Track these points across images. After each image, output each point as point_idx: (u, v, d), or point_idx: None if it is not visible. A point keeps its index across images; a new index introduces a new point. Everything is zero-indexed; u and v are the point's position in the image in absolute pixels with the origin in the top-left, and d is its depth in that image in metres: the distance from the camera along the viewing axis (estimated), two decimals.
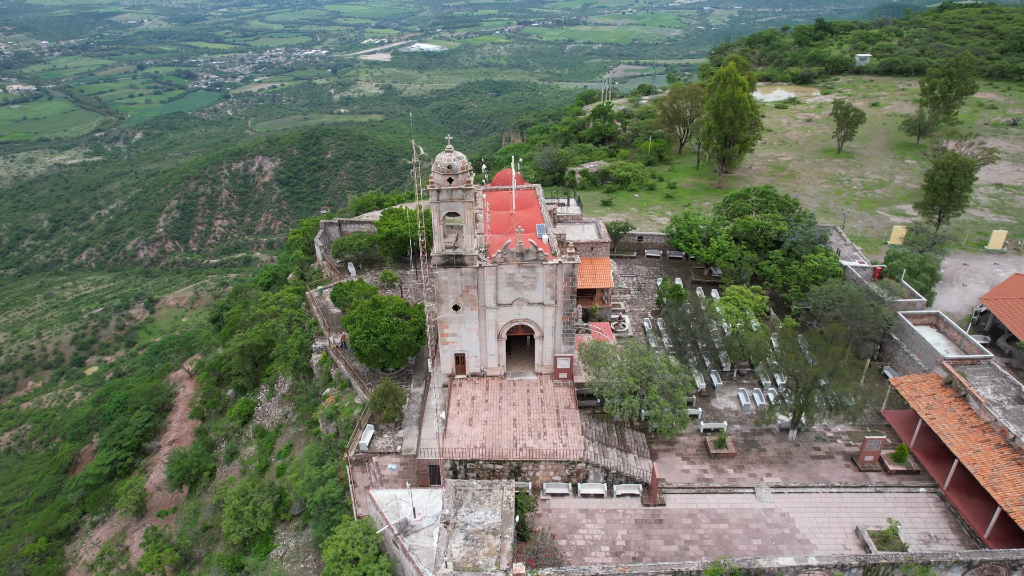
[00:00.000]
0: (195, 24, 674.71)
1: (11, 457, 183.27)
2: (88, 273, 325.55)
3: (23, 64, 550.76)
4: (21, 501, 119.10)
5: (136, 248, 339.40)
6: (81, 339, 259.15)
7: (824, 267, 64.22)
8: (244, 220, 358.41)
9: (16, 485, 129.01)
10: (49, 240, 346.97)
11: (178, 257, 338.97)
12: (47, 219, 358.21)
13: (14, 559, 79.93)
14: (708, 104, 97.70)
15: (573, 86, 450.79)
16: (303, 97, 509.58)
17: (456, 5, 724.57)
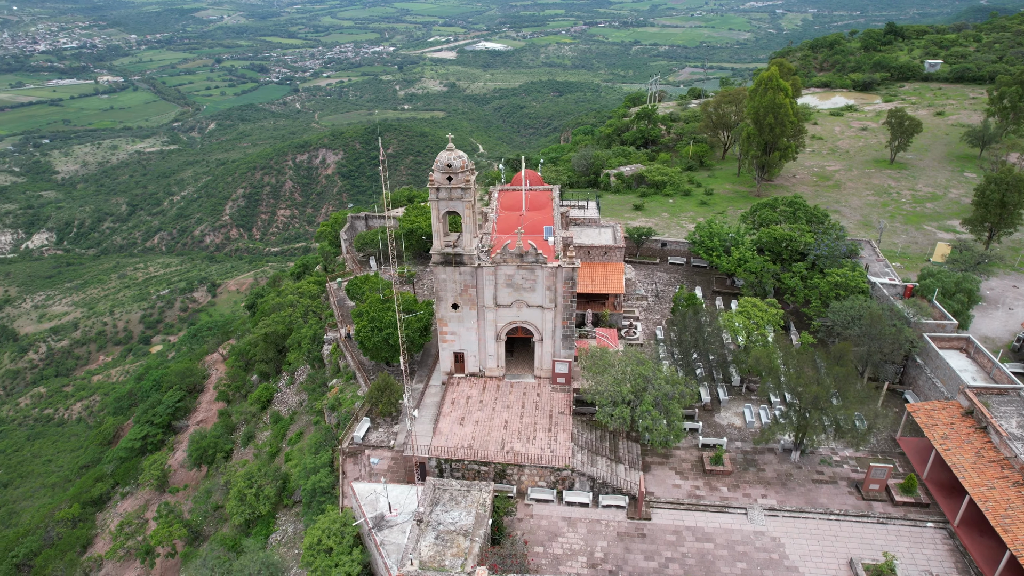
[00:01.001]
0: (270, 20, 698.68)
1: (81, 426, 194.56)
2: (159, 256, 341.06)
3: (114, 57, 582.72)
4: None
5: (203, 234, 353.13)
6: (148, 318, 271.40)
7: (847, 282, 61.24)
8: (306, 211, 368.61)
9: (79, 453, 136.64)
10: (126, 223, 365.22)
11: (241, 244, 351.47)
12: (125, 203, 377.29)
13: (50, 522, 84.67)
14: (748, 109, 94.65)
15: (637, 88, 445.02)
16: (369, 92, 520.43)
17: (523, 4, 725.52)
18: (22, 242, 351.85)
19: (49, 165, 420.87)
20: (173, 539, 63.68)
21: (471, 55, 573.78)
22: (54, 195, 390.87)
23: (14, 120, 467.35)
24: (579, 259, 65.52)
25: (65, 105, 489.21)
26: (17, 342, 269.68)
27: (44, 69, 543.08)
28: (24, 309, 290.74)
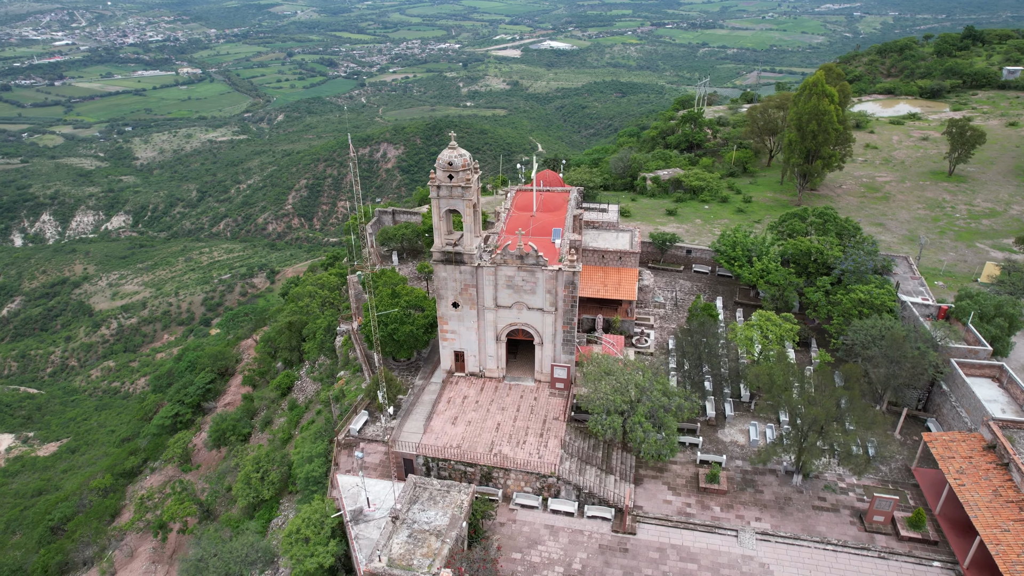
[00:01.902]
0: (341, 16, 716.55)
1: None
2: (223, 241, 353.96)
3: (194, 50, 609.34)
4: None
5: (266, 222, 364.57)
6: (210, 301, 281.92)
7: (872, 300, 58.00)
8: (364, 203, 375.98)
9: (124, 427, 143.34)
10: (195, 209, 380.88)
11: (301, 233, 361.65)
12: (196, 189, 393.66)
13: (85, 489, 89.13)
14: (791, 115, 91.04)
15: (702, 91, 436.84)
16: (433, 89, 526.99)
17: (590, 4, 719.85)
18: (102, 223, 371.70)
19: (130, 151, 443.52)
20: (184, 516, 65.88)
21: (535, 54, 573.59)
22: (132, 180, 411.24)
23: (102, 108, 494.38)
24: (590, 263, 64.54)
25: (148, 95, 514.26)
26: (92, 317, 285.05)
27: (131, 61, 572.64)
28: (100, 287, 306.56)
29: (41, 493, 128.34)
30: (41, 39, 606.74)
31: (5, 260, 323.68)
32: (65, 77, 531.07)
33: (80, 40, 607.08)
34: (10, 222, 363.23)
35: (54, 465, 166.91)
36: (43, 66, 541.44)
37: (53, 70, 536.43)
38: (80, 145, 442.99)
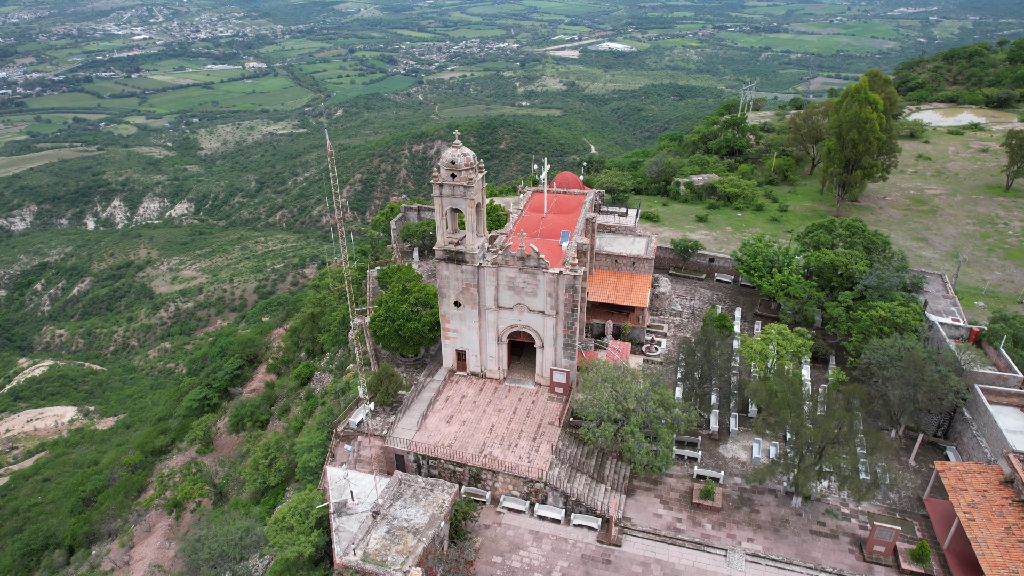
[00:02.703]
0: (403, 13, 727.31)
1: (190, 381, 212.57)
2: (278, 232, 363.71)
3: (261, 45, 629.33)
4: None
5: (320, 214, 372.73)
6: (262, 289, 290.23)
7: (894, 318, 55.19)
8: (416, 199, 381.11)
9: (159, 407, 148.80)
10: (253, 199, 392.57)
11: (354, 227, 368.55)
12: (255, 180, 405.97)
13: (117, 465, 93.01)
14: (831, 123, 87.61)
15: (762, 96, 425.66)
16: (489, 88, 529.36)
17: (652, 6, 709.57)
18: (166, 210, 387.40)
19: (196, 142, 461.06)
20: (196, 497, 67.92)
21: (593, 55, 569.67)
22: (196, 169, 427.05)
23: (173, 100, 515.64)
24: (603, 267, 63.57)
25: (215, 88, 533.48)
26: (152, 300, 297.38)
27: (202, 55, 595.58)
28: (161, 271, 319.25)
29: (95, 465, 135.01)
30: (122, 34, 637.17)
31: (78, 242, 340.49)
32: (141, 70, 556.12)
33: (157, 35, 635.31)
34: (84, 206, 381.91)
35: (110, 439, 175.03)
36: (122, 59, 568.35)
37: (131, 63, 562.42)
38: (151, 135, 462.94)
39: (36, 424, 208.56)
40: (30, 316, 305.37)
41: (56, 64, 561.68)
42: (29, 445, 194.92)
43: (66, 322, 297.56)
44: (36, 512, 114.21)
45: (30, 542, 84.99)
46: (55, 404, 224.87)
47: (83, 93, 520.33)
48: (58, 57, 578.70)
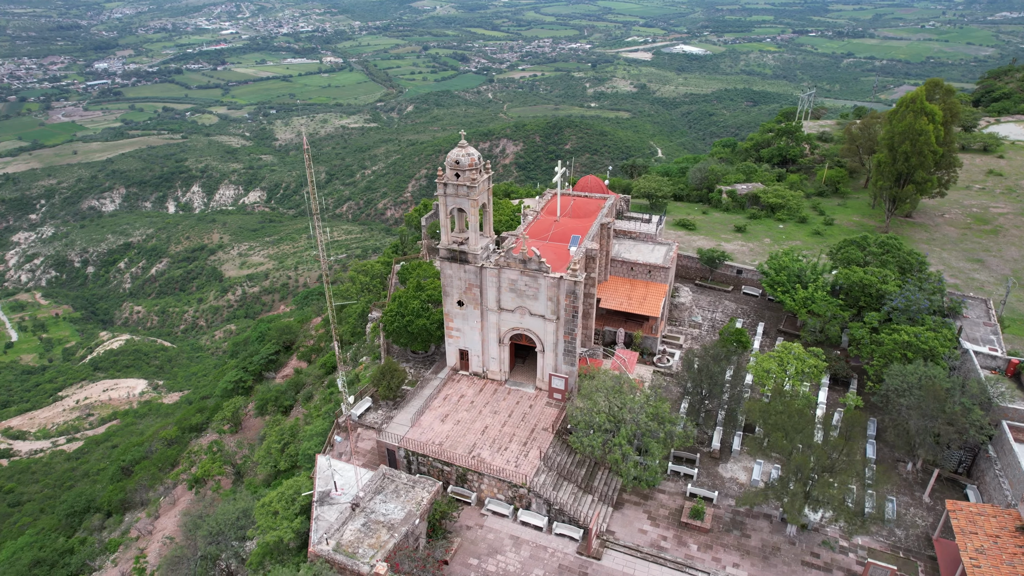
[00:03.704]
0: (477, 12, 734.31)
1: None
2: (344, 223, 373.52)
3: (338, 40, 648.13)
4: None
5: (385, 207, 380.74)
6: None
7: (919, 343, 51.86)
8: None
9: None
10: (323, 190, 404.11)
11: None
12: (325, 172, 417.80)
13: (155, 439, 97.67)
14: (883, 134, 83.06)
15: (840, 104, 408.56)
16: (559, 88, 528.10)
17: (729, 9, 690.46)
18: (240, 197, 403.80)
19: (271, 133, 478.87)
20: (215, 475, 70.53)
21: (667, 57, 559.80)
22: (270, 159, 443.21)
23: (253, 92, 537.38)
24: (619, 274, 62.42)
25: (293, 81, 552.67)
26: (221, 283, 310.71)
27: (283, 49, 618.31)
28: (231, 255, 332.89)
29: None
30: (211, 28, 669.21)
31: (159, 225, 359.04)
32: (226, 63, 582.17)
33: (242, 30, 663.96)
34: (167, 191, 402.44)
35: (173, 413, 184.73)
36: (209, 52, 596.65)
37: (217, 56, 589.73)
38: (231, 125, 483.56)
39: (111, 394, 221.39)
40: (113, 292, 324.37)
41: (151, 56, 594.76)
42: (103, 413, 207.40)
43: (144, 300, 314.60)
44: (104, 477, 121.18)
45: (74, 504, 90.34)
46: (128, 376, 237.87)
47: (173, 84, 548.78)
48: (153, 50, 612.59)
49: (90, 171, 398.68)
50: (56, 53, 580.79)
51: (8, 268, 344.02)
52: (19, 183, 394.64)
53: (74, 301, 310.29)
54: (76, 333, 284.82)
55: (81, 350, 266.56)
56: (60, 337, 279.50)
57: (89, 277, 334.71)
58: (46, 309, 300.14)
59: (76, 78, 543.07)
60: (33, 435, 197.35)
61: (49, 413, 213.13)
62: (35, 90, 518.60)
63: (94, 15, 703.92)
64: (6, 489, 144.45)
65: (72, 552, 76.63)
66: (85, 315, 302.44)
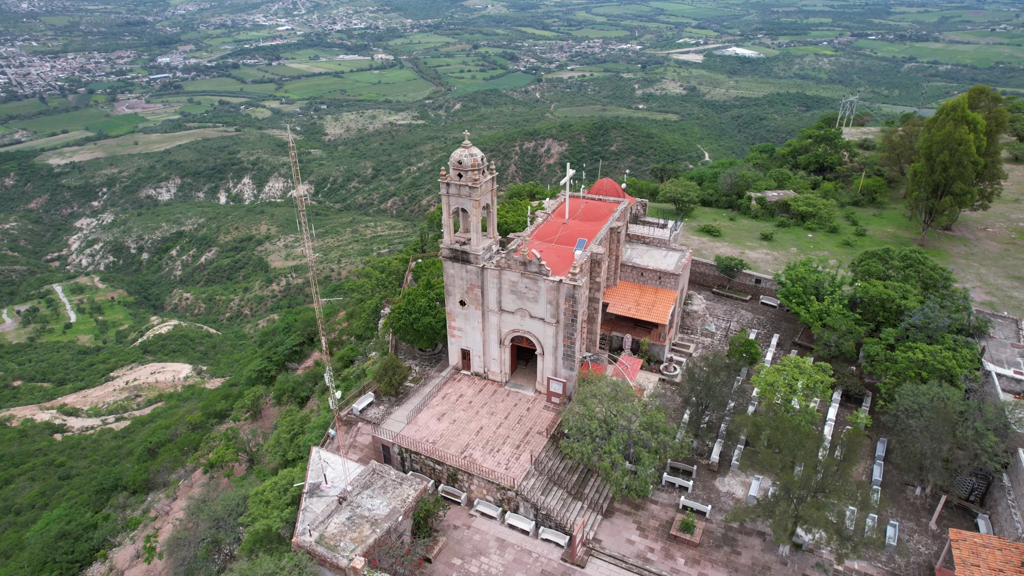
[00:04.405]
0: (528, 12, 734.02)
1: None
2: (388, 218, 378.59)
3: (390, 38, 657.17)
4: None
5: (429, 204, 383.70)
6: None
7: (934, 363, 49.64)
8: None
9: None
10: (368, 185, 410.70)
11: None
12: (371, 167, 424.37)
13: (181, 422, 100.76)
14: (920, 142, 79.71)
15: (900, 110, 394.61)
16: (607, 89, 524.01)
17: (785, 11, 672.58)
18: (288, 190, 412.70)
19: (321, 127, 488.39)
20: (228, 461, 72.33)
21: (718, 60, 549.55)
22: (319, 153, 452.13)
23: (305, 87, 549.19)
24: (629, 279, 61.63)
25: (344, 77, 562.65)
26: (267, 273, 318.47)
27: (335, 46, 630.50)
28: (277, 247, 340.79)
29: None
30: (268, 24, 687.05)
31: (210, 215, 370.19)
32: (281, 58, 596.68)
33: (298, 26, 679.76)
34: (219, 182, 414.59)
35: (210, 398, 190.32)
36: (265, 48, 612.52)
37: (272, 52, 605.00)
38: (283, 119, 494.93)
39: (157, 377, 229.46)
40: (164, 279, 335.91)
41: (211, 51, 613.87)
42: (150, 395, 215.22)
43: (192, 287, 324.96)
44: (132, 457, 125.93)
45: (103, 481, 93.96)
46: (175, 360, 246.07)
47: (230, 78, 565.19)
48: (213, 45, 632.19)
49: (149, 161, 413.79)
50: (123, 48, 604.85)
51: (71, 252, 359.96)
52: (84, 171, 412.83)
53: (129, 286, 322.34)
54: (129, 317, 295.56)
55: (133, 333, 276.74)
56: (114, 320, 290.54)
57: (143, 263, 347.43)
58: (103, 293, 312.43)
59: (140, 72, 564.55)
60: (85, 412, 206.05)
61: (101, 392, 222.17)
62: (102, 83, 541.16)
63: (160, 11, 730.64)
64: (58, 463, 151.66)
65: (95, 527, 79.58)
66: (138, 300, 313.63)
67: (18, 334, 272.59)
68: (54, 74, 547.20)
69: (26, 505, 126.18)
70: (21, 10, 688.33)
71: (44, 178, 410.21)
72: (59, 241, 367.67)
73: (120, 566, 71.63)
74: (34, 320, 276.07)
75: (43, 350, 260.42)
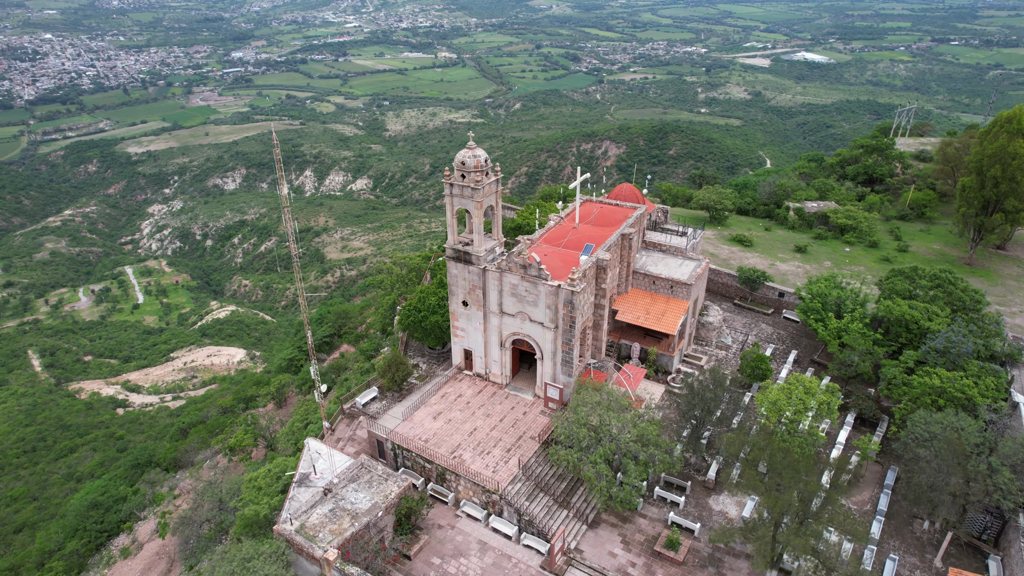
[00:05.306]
0: (593, 12, 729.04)
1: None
2: (443, 215, 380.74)
3: (454, 36, 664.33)
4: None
5: None
6: None
7: (952, 390, 46.79)
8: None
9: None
10: (425, 181, 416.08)
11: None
12: (429, 164, 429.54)
13: (212, 405, 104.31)
14: (972, 155, 75.27)
15: (980, 119, 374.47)
16: (669, 92, 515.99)
17: (861, 14, 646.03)
18: (348, 184, 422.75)
19: (383, 123, 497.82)
20: (244, 445, 74.50)
21: (786, 64, 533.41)
22: (379, 149, 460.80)
23: (369, 83, 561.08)
24: (641, 287, 60.61)
25: (408, 75, 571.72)
26: (322, 264, 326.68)
27: (400, 43, 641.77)
28: (334, 239, 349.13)
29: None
30: (336, 21, 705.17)
31: (272, 205, 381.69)
32: (347, 54, 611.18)
33: (365, 23, 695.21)
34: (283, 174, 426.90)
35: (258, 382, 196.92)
36: (333, 44, 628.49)
37: (339, 48, 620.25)
38: (346, 114, 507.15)
39: (213, 359, 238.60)
40: (226, 265, 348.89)
41: (281, 47, 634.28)
42: (205, 376, 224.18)
43: (251, 274, 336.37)
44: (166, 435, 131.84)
45: (138, 457, 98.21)
46: (230, 345, 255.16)
47: (297, 73, 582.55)
48: (283, 41, 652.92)
49: (217, 152, 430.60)
50: (200, 43, 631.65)
51: (142, 236, 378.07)
52: (158, 160, 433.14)
53: (192, 271, 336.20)
54: (191, 300, 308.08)
55: (193, 316, 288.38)
56: (177, 303, 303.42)
57: (207, 250, 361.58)
58: (169, 276, 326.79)
59: (215, 66, 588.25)
60: (146, 390, 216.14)
61: (161, 371, 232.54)
62: (180, 76, 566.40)
63: (236, 8, 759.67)
64: (117, 435, 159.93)
65: (125, 500, 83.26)
66: (200, 284, 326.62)
67: (91, 312, 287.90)
68: (137, 67, 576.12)
69: (86, 474, 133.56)
70: (112, 6, 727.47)
71: (123, 165, 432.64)
72: (132, 226, 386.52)
73: (141, 539, 74.77)
74: (106, 299, 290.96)
75: (112, 328, 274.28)
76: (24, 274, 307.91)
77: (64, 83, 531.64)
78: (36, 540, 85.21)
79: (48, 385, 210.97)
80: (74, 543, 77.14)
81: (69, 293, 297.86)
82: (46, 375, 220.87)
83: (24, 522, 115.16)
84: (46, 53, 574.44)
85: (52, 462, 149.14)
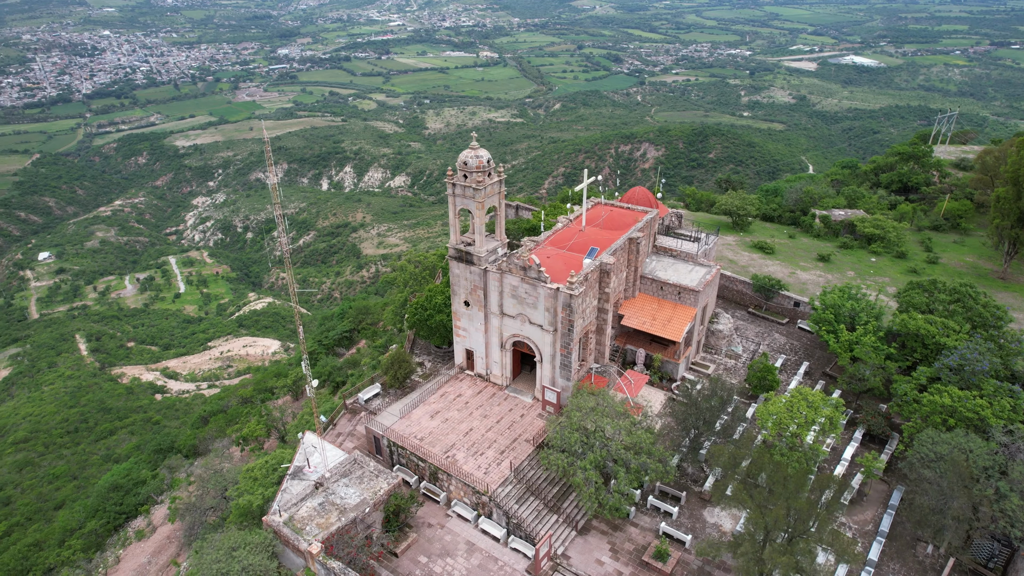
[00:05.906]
0: (636, 13, 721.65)
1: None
2: None
3: (496, 36, 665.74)
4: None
5: None
6: None
7: (963, 410, 44.85)
8: (614, 197, 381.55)
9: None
10: None
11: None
12: None
13: (233, 395, 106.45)
14: (1008, 165, 72.15)
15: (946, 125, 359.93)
16: (712, 94, 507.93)
17: (915, 16, 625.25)
18: (387, 181, 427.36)
19: (422, 121, 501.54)
20: (256, 436, 75.86)
21: (833, 68, 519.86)
22: (418, 146, 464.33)
23: (411, 82, 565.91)
24: (648, 292, 59.77)
25: (449, 73, 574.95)
26: (358, 259, 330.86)
27: (443, 42, 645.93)
28: (371, 235, 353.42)
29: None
30: (380, 20, 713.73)
31: (311, 200, 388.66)
32: (390, 52, 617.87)
33: (409, 22, 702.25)
34: (323, 169, 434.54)
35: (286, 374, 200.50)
36: (376, 43, 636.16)
37: (383, 46, 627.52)
38: (387, 111, 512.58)
39: (248, 350, 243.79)
40: (265, 258, 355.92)
41: (326, 44, 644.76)
42: (240, 366, 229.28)
43: None
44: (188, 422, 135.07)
45: (161, 443, 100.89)
46: (266, 336, 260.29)
47: (341, 70, 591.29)
48: (328, 38, 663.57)
49: (260, 146, 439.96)
50: (248, 40, 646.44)
51: (186, 227, 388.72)
52: (204, 153, 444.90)
53: (232, 262, 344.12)
54: (230, 291, 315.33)
55: (231, 307, 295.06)
56: (217, 293, 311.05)
57: (247, 242, 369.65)
58: (209, 267, 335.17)
59: (261, 62, 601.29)
60: (184, 377, 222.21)
61: (198, 360, 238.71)
62: (228, 72, 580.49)
63: (283, 6, 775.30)
64: (154, 420, 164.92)
65: (144, 483, 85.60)
66: (239, 276, 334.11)
67: (136, 299, 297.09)
68: (188, 63, 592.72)
69: (123, 456, 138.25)
70: (166, 4, 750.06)
71: (170, 158, 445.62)
72: (177, 217, 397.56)
73: (156, 523, 76.74)
74: (150, 288, 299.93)
75: (154, 316, 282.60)
76: (75, 261, 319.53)
77: (119, 78, 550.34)
78: (58, 518, 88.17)
79: (93, 369, 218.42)
80: (94, 523, 79.60)
81: (116, 281, 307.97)
82: (91, 359, 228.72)
83: (64, 499, 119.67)
84: (103, 49, 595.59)
85: (92, 443, 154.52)
